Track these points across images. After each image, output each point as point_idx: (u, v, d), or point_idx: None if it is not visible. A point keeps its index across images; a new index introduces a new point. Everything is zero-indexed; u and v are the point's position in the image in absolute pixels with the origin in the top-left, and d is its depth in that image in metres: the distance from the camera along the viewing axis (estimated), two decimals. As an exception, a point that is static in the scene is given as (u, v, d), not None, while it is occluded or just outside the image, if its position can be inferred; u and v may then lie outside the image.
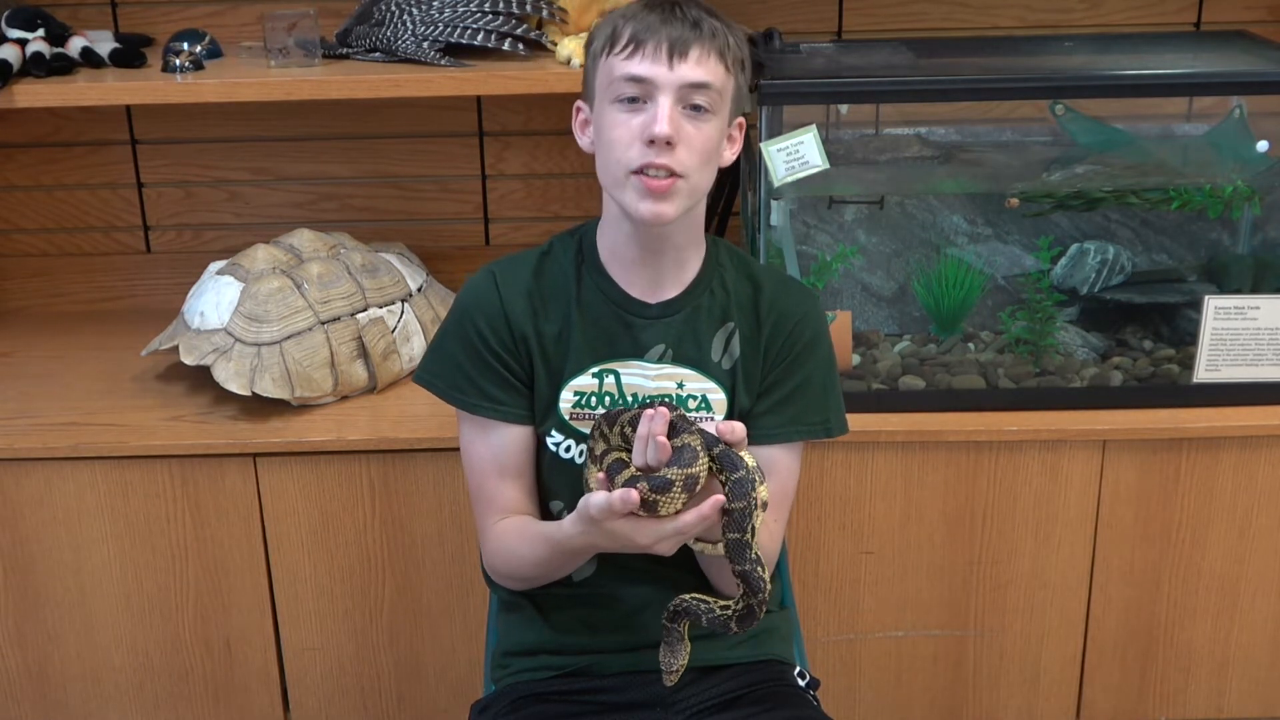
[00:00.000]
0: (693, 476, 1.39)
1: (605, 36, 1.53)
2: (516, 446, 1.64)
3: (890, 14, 2.50)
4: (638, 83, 1.49)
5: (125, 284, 2.63)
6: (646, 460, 1.42)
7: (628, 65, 1.50)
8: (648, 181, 1.49)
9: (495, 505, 1.64)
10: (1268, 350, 2.14)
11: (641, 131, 1.49)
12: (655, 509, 1.38)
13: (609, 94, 1.52)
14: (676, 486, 1.38)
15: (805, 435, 1.66)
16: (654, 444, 1.40)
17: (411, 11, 2.20)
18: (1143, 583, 2.20)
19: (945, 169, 2.24)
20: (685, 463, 1.39)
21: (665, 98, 1.49)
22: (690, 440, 1.40)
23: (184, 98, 2.18)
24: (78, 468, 2.11)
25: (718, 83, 1.51)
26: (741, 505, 1.40)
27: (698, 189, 1.55)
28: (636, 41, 1.50)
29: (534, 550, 1.59)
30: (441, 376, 1.65)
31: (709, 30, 1.51)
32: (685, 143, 1.50)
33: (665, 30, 1.49)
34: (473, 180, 2.59)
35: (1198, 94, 2.20)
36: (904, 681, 2.26)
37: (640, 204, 1.51)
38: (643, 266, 1.61)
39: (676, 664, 1.49)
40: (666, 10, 1.51)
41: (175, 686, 2.24)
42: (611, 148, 1.52)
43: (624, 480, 1.40)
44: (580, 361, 1.62)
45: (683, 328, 1.63)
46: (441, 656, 2.23)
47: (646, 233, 1.57)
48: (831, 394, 1.67)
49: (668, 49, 1.48)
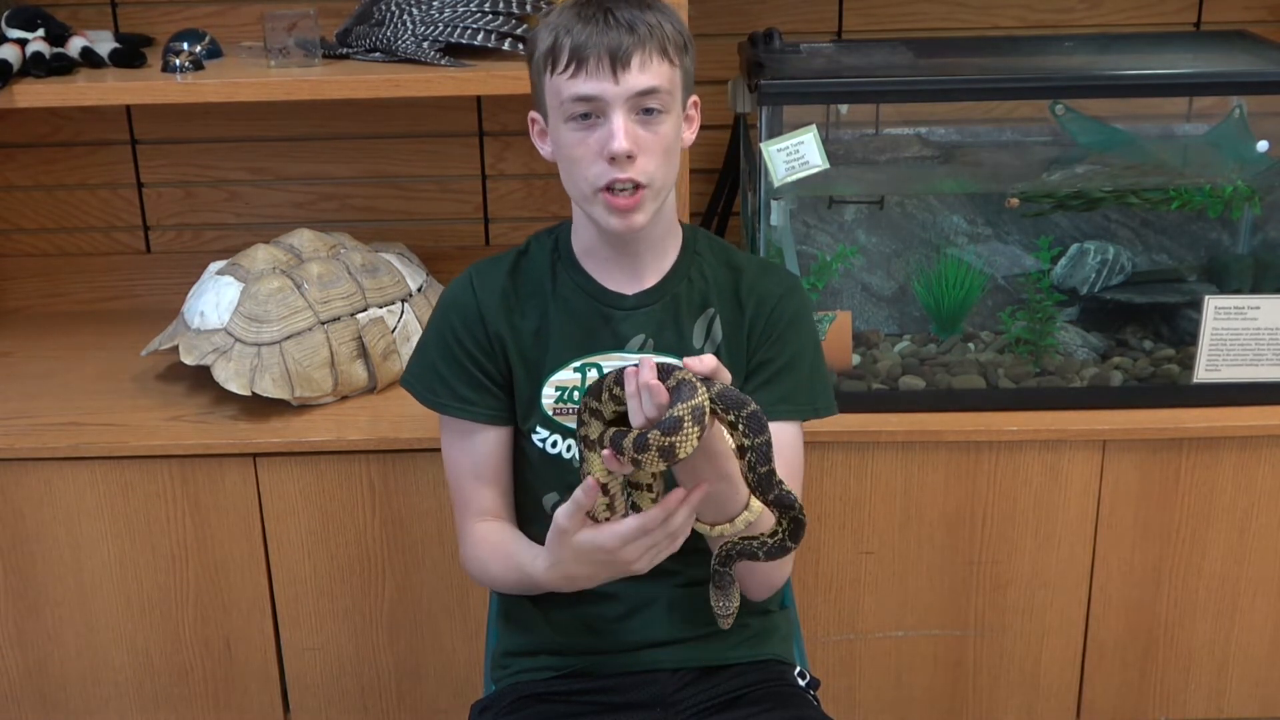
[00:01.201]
0: (698, 408, 1.34)
1: (545, 51, 1.52)
2: (490, 449, 1.65)
3: (890, 14, 2.50)
4: (586, 101, 1.49)
5: (125, 284, 2.63)
6: (645, 414, 1.37)
7: (573, 85, 1.49)
8: (614, 200, 1.51)
9: (473, 507, 1.66)
10: (1268, 350, 2.14)
11: (600, 149, 1.50)
12: (673, 453, 1.34)
13: (560, 113, 1.52)
14: (687, 421, 1.34)
15: (795, 415, 1.66)
16: (648, 392, 1.36)
17: (411, 11, 2.20)
18: (1143, 583, 2.20)
19: (945, 169, 2.25)
20: (686, 397, 1.35)
21: (616, 112, 1.49)
22: (683, 375, 1.36)
23: (184, 98, 2.18)
24: (78, 468, 2.11)
25: (665, 83, 1.51)
26: (763, 439, 1.37)
27: (664, 188, 1.56)
28: (578, 59, 1.49)
29: (506, 574, 1.62)
30: (420, 379, 1.68)
31: (645, 31, 1.49)
32: (644, 150, 1.50)
33: (604, 40, 1.48)
34: (473, 180, 2.60)
35: (1198, 94, 2.20)
36: (904, 681, 2.26)
37: (610, 219, 1.53)
38: (618, 261, 1.63)
39: (731, 607, 1.47)
40: (600, 19, 1.49)
41: (175, 686, 2.24)
42: (574, 166, 1.53)
43: (631, 440, 1.36)
44: (560, 356, 1.63)
45: (662, 316, 1.64)
46: (441, 656, 2.23)
47: (620, 238, 1.58)
48: (818, 376, 1.68)
49: (609, 61, 1.48)
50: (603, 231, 1.58)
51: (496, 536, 1.65)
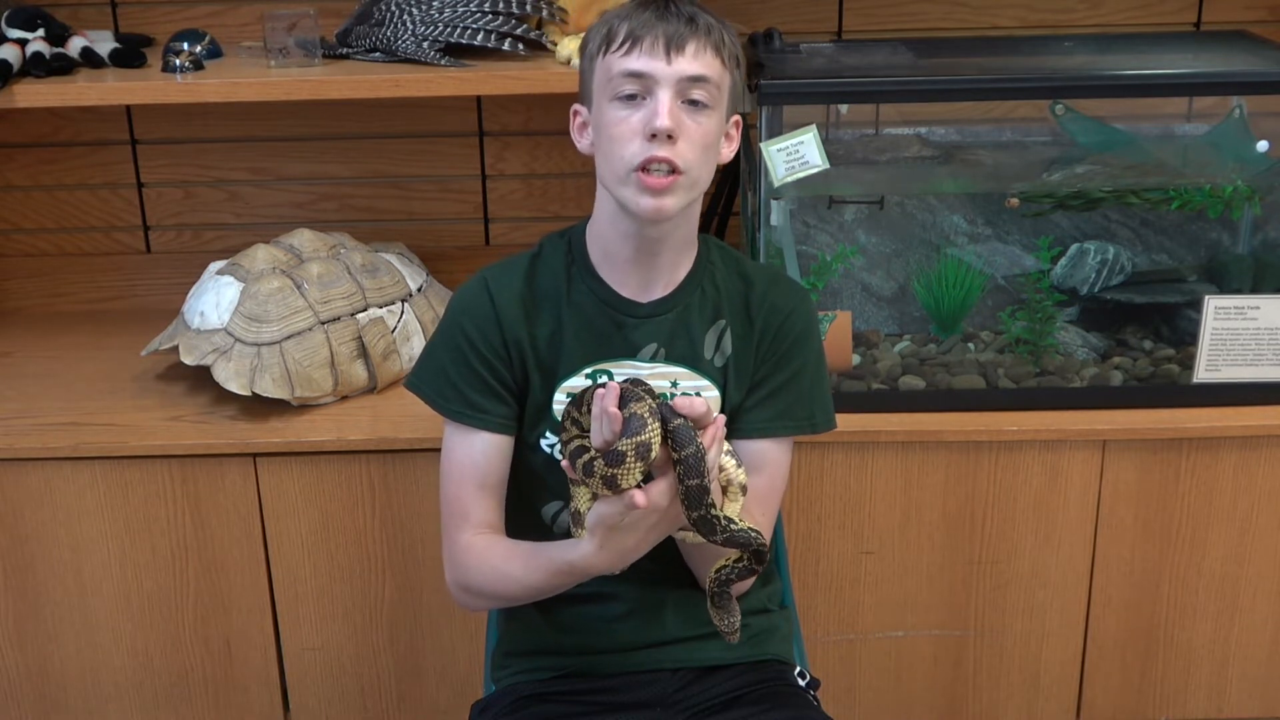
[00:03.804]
0: (644, 444, 1.37)
1: (601, 36, 1.54)
2: (497, 456, 1.64)
3: (890, 14, 2.50)
4: (636, 78, 1.50)
5: (125, 284, 2.63)
6: (603, 437, 1.40)
7: (625, 62, 1.50)
8: (649, 180, 1.50)
9: (469, 518, 1.63)
10: (1268, 350, 2.14)
11: (642, 127, 1.49)
12: (615, 483, 1.38)
13: (607, 91, 1.52)
14: (630, 457, 1.37)
15: (792, 430, 1.66)
16: (606, 418, 1.39)
17: (411, 11, 2.20)
18: (1143, 583, 2.20)
19: (945, 169, 2.25)
20: (633, 431, 1.37)
21: (664, 92, 1.49)
22: (638, 409, 1.39)
23: (184, 98, 2.18)
24: (78, 468, 2.11)
25: (715, 76, 1.52)
26: (696, 482, 1.39)
27: (698, 183, 1.55)
28: (633, 38, 1.50)
29: (530, 574, 1.57)
30: (429, 383, 1.65)
31: (704, 25, 1.52)
32: (686, 136, 1.50)
33: (661, 26, 1.50)
34: (473, 180, 2.60)
35: (1198, 94, 2.20)
36: (904, 681, 2.26)
37: (641, 199, 1.51)
38: (636, 266, 1.61)
39: (735, 622, 1.49)
40: (661, 7, 1.52)
41: (175, 686, 2.24)
42: (613, 144, 1.52)
43: (583, 463, 1.41)
44: (573, 363, 1.62)
45: (675, 326, 1.63)
46: (441, 656, 2.23)
47: (644, 232, 1.57)
48: (819, 390, 1.68)
49: (664, 44, 1.49)
50: (629, 225, 1.56)
51: (503, 543, 1.62)
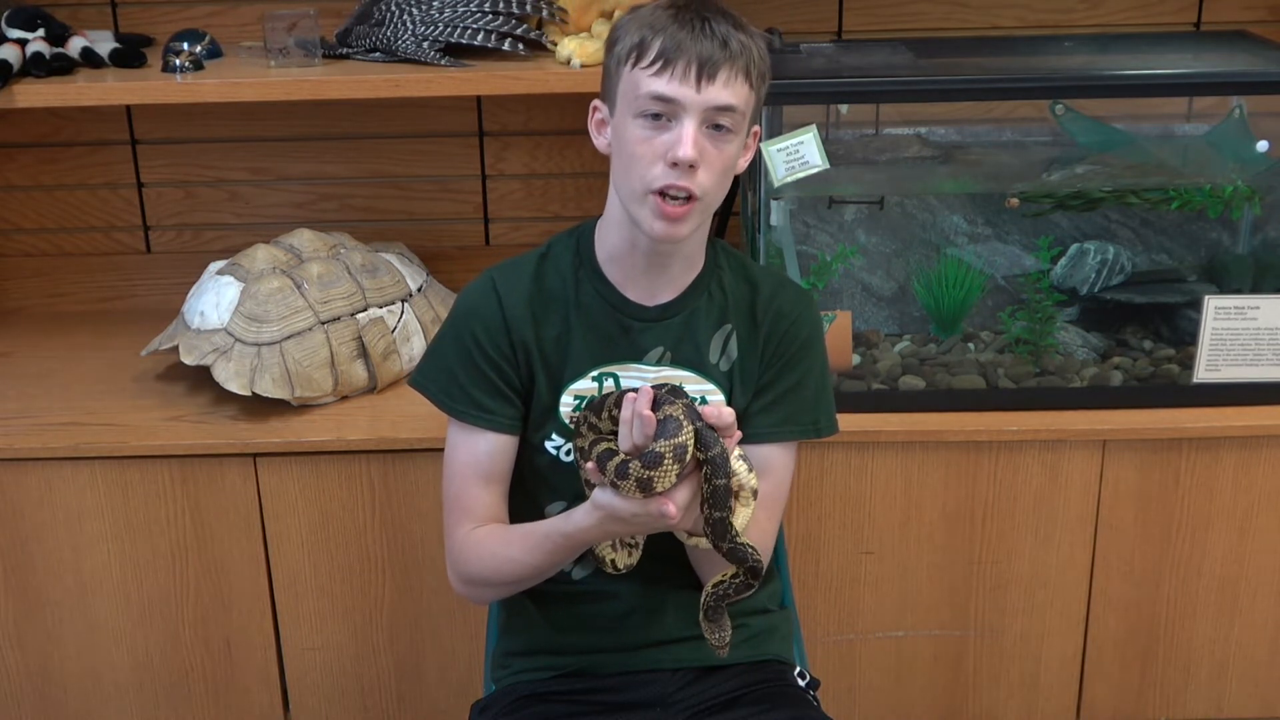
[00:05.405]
0: (681, 446, 1.39)
1: (632, 45, 1.50)
2: (502, 454, 1.64)
3: (890, 14, 2.50)
4: (664, 102, 1.48)
5: (125, 284, 2.63)
6: (633, 440, 1.41)
7: (654, 83, 1.47)
8: (666, 208, 1.49)
9: (472, 513, 1.63)
10: (1268, 350, 2.14)
11: (665, 151, 1.48)
12: (651, 486, 1.39)
13: (633, 106, 1.50)
14: (667, 459, 1.39)
15: (797, 435, 1.66)
16: (639, 421, 1.40)
17: (411, 11, 2.20)
18: (1143, 583, 2.20)
19: (945, 169, 2.25)
20: (670, 434, 1.39)
21: (690, 120, 1.47)
22: (671, 411, 1.41)
23: (184, 98, 2.18)
24: (78, 468, 2.11)
25: (742, 104, 1.50)
26: (723, 482, 1.41)
27: (712, 205, 1.55)
28: (665, 59, 1.47)
29: (528, 553, 1.58)
30: (435, 382, 1.65)
31: (737, 48, 1.49)
32: (706, 164, 1.49)
33: (695, 49, 1.47)
34: (473, 180, 2.60)
35: (1198, 94, 2.20)
36: (904, 681, 2.26)
37: (655, 222, 1.51)
38: (645, 273, 1.61)
39: (727, 636, 1.52)
40: (697, 26, 1.48)
41: (175, 686, 2.24)
42: (633, 162, 1.51)
43: (614, 466, 1.41)
44: (580, 365, 1.62)
45: (681, 330, 1.63)
46: (441, 656, 2.23)
47: (655, 248, 1.57)
48: (823, 395, 1.68)
49: (696, 70, 1.46)
50: (638, 237, 1.56)
51: (500, 529, 1.63)
